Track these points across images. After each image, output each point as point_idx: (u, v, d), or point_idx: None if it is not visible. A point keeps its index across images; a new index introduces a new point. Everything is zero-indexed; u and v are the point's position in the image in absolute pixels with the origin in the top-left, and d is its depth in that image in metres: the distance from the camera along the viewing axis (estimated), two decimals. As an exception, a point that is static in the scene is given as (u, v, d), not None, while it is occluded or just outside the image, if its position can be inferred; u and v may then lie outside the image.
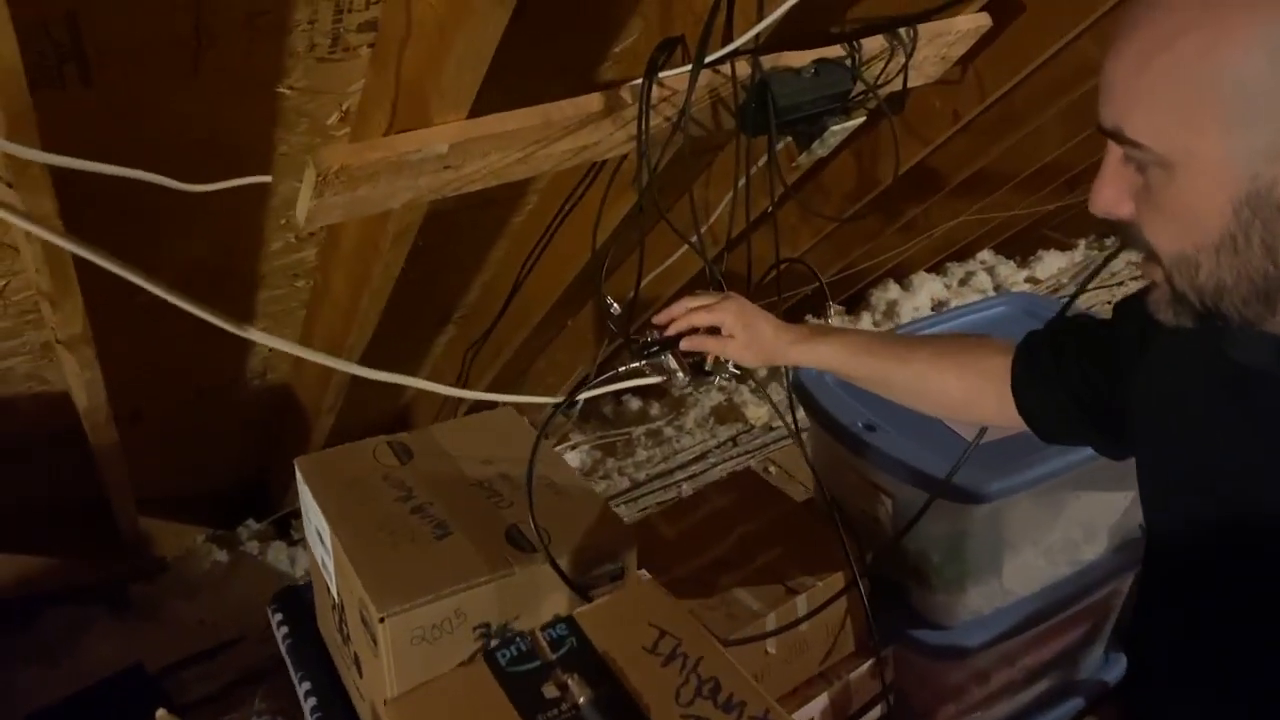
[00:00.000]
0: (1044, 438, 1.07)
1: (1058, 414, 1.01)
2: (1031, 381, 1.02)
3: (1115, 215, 0.70)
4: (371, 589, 1.02)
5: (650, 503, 2.80)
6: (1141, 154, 0.65)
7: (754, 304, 1.20)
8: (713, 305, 1.18)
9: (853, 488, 1.63)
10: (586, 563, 1.10)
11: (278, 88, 1.15)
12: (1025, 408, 1.04)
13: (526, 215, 1.87)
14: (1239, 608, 0.77)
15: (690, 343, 1.20)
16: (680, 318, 1.19)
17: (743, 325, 1.17)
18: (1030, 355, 1.04)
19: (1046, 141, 2.75)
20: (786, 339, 1.17)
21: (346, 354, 1.72)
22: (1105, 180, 0.69)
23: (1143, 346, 0.89)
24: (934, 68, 1.55)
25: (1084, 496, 1.61)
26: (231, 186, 1.08)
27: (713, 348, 1.19)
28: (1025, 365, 1.03)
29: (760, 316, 1.18)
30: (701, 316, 1.19)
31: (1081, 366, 0.96)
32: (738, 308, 1.18)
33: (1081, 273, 3.92)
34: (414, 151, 1.07)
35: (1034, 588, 1.63)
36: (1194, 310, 0.69)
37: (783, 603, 1.46)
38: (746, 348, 1.17)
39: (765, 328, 1.17)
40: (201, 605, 2.60)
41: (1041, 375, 1.01)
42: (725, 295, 1.20)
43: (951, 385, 1.09)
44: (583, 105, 1.17)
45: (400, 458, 1.24)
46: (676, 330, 1.20)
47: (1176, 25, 0.62)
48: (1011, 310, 1.89)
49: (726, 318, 1.17)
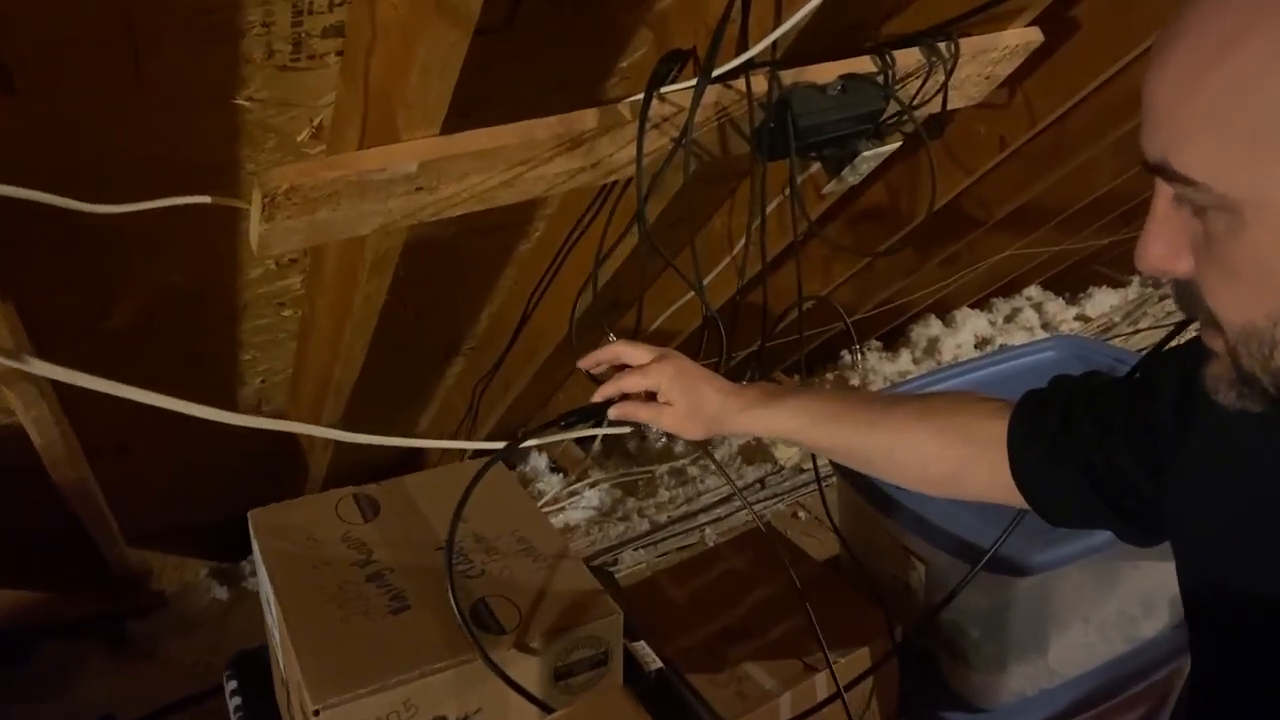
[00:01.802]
0: (1050, 520, 0.90)
1: (1068, 496, 0.83)
2: (1034, 454, 0.84)
3: (1171, 272, 0.55)
4: (309, 673, 0.88)
5: (671, 547, 2.66)
6: (1197, 194, 0.50)
7: (696, 363, 1.03)
8: (646, 366, 1.01)
9: (881, 550, 1.48)
10: (565, 645, 0.95)
11: (236, 99, 1.03)
12: (1026, 485, 0.85)
13: (534, 243, 1.75)
14: None
15: (620, 411, 1.03)
16: (609, 383, 1.03)
17: (681, 390, 0.99)
18: (1031, 421, 0.85)
19: (1100, 173, 2.58)
20: (735, 405, 0.98)
21: (334, 391, 1.60)
22: (1154, 230, 0.54)
23: (1184, 422, 0.72)
24: (977, 88, 1.40)
25: (1143, 567, 1.45)
26: (157, 208, 0.96)
27: (646, 417, 1.01)
28: (1026, 433, 0.85)
29: (703, 379, 1.00)
30: (633, 381, 1.01)
31: (1104, 448, 0.78)
32: (675, 369, 1.00)
33: (1135, 311, 3.72)
34: (378, 170, 0.94)
35: (1084, 668, 1.47)
36: (1265, 394, 0.54)
37: (800, 681, 1.32)
38: (687, 417, 0.99)
39: (709, 392, 0.99)
40: (198, 645, 2.49)
41: (1048, 448, 0.83)
42: (661, 354, 1.02)
43: (933, 455, 0.91)
44: (573, 122, 1.04)
45: (365, 513, 1.11)
46: (603, 396, 1.03)
47: (1235, 27, 0.47)
48: (1060, 355, 1.72)
49: (662, 381, 1.00)
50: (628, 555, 2.57)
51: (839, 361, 3.44)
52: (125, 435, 1.88)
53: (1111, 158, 2.52)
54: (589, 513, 2.84)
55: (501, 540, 1.06)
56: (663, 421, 1.01)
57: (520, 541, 1.06)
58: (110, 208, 0.91)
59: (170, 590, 2.68)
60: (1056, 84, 1.79)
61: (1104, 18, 1.64)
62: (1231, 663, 0.68)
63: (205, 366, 1.72)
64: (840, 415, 0.94)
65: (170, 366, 1.63)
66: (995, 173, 2.19)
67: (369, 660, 0.89)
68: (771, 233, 1.71)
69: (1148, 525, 0.79)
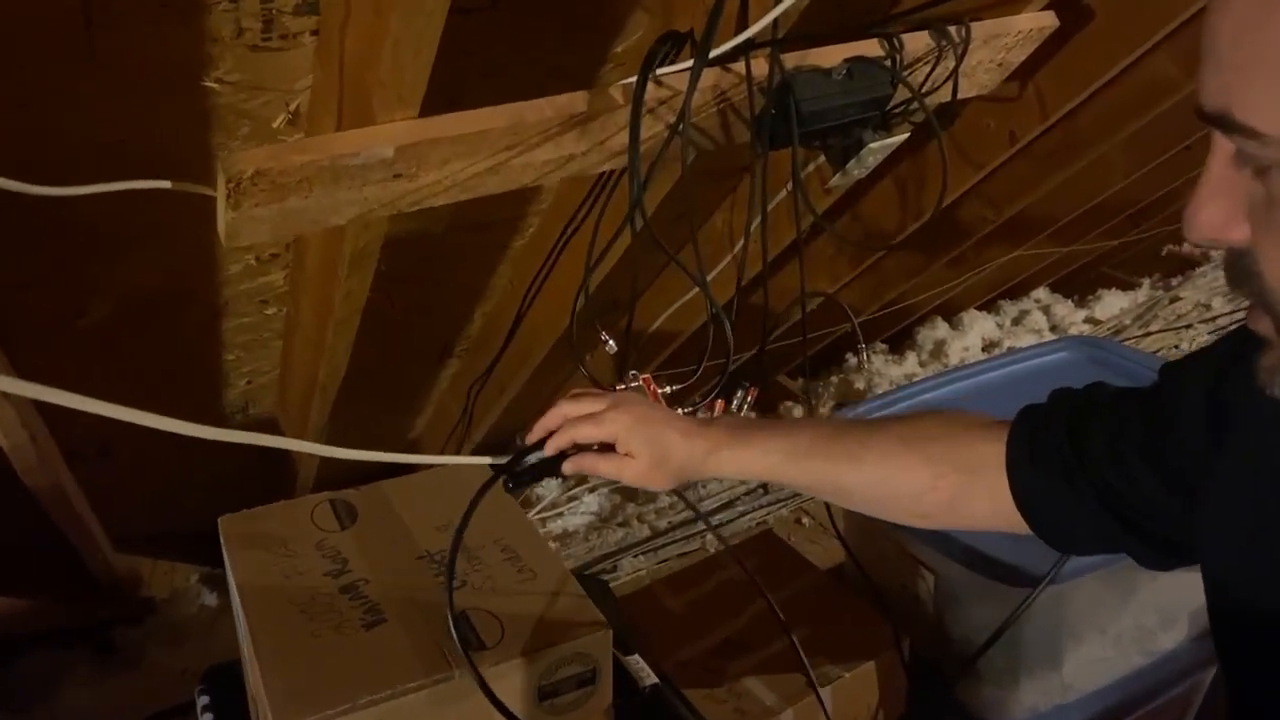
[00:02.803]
0: (1058, 547, 0.82)
1: (1079, 520, 0.75)
2: (1038, 476, 0.76)
3: (1223, 241, 0.47)
4: (274, 691, 0.82)
5: (671, 554, 2.59)
6: (1262, 149, 0.43)
7: (655, 406, 0.94)
8: (600, 414, 0.91)
9: (889, 559, 1.41)
10: (550, 663, 0.89)
11: (204, 81, 0.98)
12: (1031, 510, 0.78)
13: (528, 239, 1.69)
14: None
15: (575, 464, 0.93)
16: (558, 433, 0.92)
17: (643, 441, 0.89)
18: (1033, 441, 0.77)
19: (1111, 172, 2.52)
20: (702, 449, 0.89)
21: (319, 392, 1.54)
22: (1207, 192, 0.47)
23: (1216, 437, 0.65)
24: (989, 75, 1.34)
25: (1161, 578, 1.38)
26: (113, 191, 0.90)
27: (606, 471, 0.91)
28: (1028, 454, 0.77)
29: (663, 424, 0.90)
30: (587, 431, 0.91)
31: (1120, 467, 0.71)
32: (632, 418, 0.90)
33: (1146, 314, 3.65)
34: (351, 155, 0.88)
35: (1100, 683, 1.41)
36: None
37: (803, 697, 1.25)
38: (652, 469, 0.89)
39: (672, 438, 0.89)
40: (186, 653, 2.43)
41: (1054, 469, 0.75)
42: (615, 401, 0.92)
43: (925, 486, 0.82)
44: (562, 105, 0.98)
45: (342, 520, 1.05)
46: (556, 448, 0.92)
47: None
48: (1074, 356, 1.66)
49: (619, 431, 0.90)
50: (627, 562, 2.51)
51: (844, 364, 3.37)
52: (107, 438, 1.82)
53: (1123, 157, 2.46)
54: (588, 518, 2.78)
55: (485, 549, 1.01)
56: (625, 475, 0.91)
57: (505, 550, 1.00)
58: (60, 190, 0.85)
59: (160, 597, 2.63)
60: (1069, 75, 1.73)
61: (1120, 4, 1.58)
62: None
63: (188, 367, 1.67)
64: (816, 449, 0.86)
65: (151, 366, 1.58)
66: (1004, 170, 2.13)
67: (338, 678, 0.83)
68: (774, 230, 1.65)
69: (1171, 548, 0.72)
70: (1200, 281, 3.81)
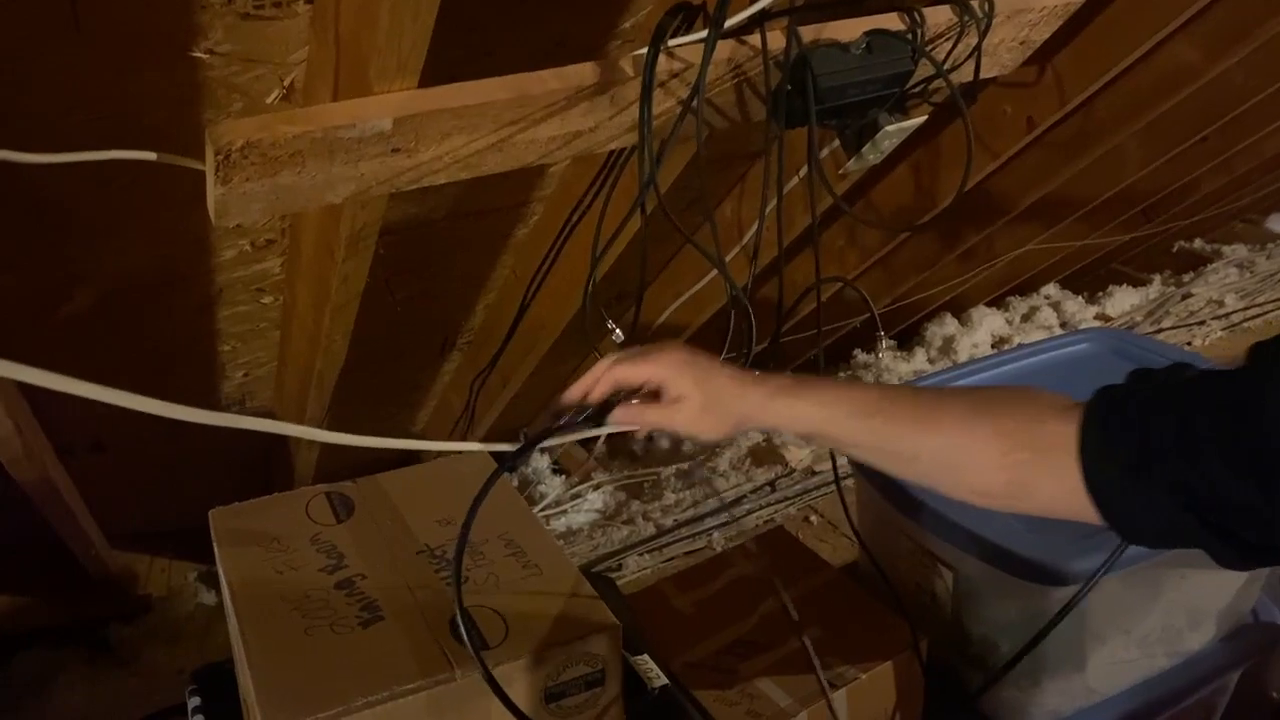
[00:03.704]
0: (1132, 540, 0.76)
1: (1153, 514, 0.69)
2: (1111, 464, 0.70)
3: None
4: (264, 692, 0.77)
5: (677, 552, 2.55)
6: None
7: (700, 351, 0.87)
8: (644, 355, 0.86)
9: (905, 556, 1.36)
10: (556, 663, 0.84)
11: (194, 51, 0.93)
12: (1103, 500, 0.72)
13: (532, 227, 1.64)
14: None
15: (623, 415, 0.87)
16: (600, 378, 0.87)
17: (693, 382, 0.83)
18: (1107, 425, 0.71)
19: (1126, 163, 2.47)
20: (758, 394, 0.83)
21: (316, 383, 1.50)
22: None
23: None
24: (1010, 54, 1.29)
25: (1189, 576, 1.33)
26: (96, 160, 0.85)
27: (655, 420, 0.85)
28: (1101, 440, 0.71)
29: (713, 368, 0.85)
30: (630, 371, 0.85)
31: (1196, 461, 0.65)
32: (680, 358, 0.85)
33: (1157, 310, 3.59)
34: (346, 126, 0.84)
35: (1124, 684, 1.36)
36: None
37: (818, 699, 1.20)
38: (705, 412, 0.83)
39: (725, 382, 0.84)
40: (181, 652, 2.39)
41: (1128, 458, 0.69)
42: (661, 345, 0.87)
43: (993, 462, 0.76)
44: (569, 77, 0.93)
45: (338, 514, 1.00)
46: (601, 395, 0.87)
47: None
48: (1096, 348, 1.60)
49: (666, 373, 0.84)
50: (632, 560, 2.46)
51: (851, 361, 3.33)
52: (98, 433, 1.78)
53: (1138, 148, 2.42)
54: (592, 516, 2.74)
55: (488, 544, 0.96)
56: (676, 421, 0.85)
57: (509, 545, 0.96)
58: (41, 157, 0.80)
59: (156, 594, 2.58)
60: (1089, 59, 1.69)
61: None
62: None
63: (181, 358, 1.62)
64: (881, 409, 0.80)
65: (141, 357, 1.53)
66: (1019, 161, 2.08)
67: (332, 678, 0.79)
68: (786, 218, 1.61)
69: (1256, 546, 0.66)
70: (1213, 278, 3.76)
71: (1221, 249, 4.02)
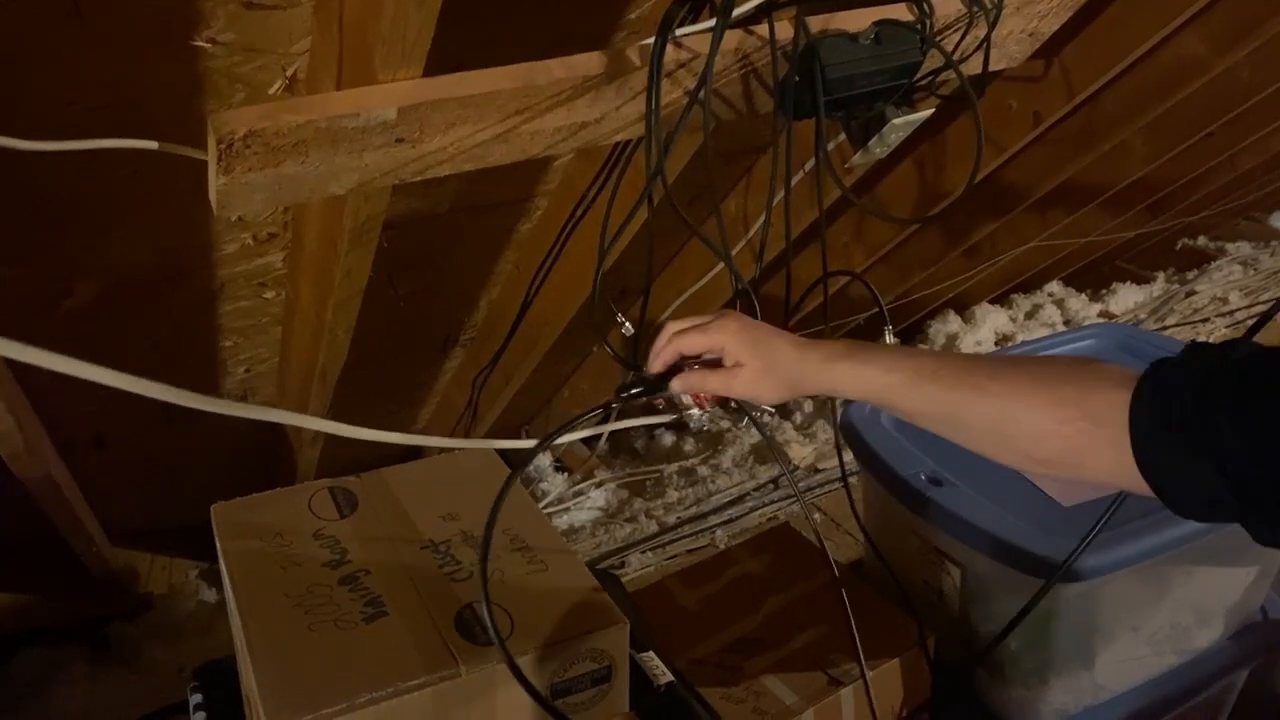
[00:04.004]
0: (1180, 513, 0.76)
1: (1200, 490, 0.69)
2: (1161, 439, 0.70)
3: None
4: (267, 688, 0.76)
5: (680, 549, 2.54)
6: None
7: (755, 320, 0.91)
8: (704, 325, 0.88)
9: (912, 552, 1.35)
10: (563, 659, 0.83)
11: (195, 40, 0.92)
12: (1153, 474, 0.72)
13: (535, 222, 1.63)
14: None
15: (684, 383, 0.90)
16: (664, 349, 0.90)
17: (751, 346, 0.86)
18: (1160, 399, 0.71)
19: (1131, 159, 2.46)
20: (816, 357, 0.85)
21: (319, 378, 1.48)
22: None
23: None
24: (1019, 46, 1.28)
25: (1197, 573, 1.32)
26: (94, 148, 0.84)
27: (715, 385, 0.88)
28: (1153, 414, 0.71)
29: (772, 333, 0.88)
30: (692, 340, 0.89)
31: (1245, 440, 0.64)
32: (739, 325, 0.88)
33: (1161, 308, 3.58)
34: (350, 115, 0.82)
35: (1132, 682, 1.35)
36: None
37: (824, 696, 1.20)
38: (763, 375, 0.86)
39: (783, 346, 0.86)
40: (183, 650, 2.38)
41: (1178, 434, 0.69)
42: (719, 313, 0.90)
43: (1049, 430, 0.76)
44: (576, 66, 0.92)
45: (341, 509, 0.99)
46: (663, 364, 0.90)
47: None
48: (1103, 344, 1.59)
49: (727, 339, 0.87)
50: (635, 558, 2.45)
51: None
52: (99, 429, 1.77)
53: (1143, 143, 2.41)
54: (595, 513, 2.73)
55: (494, 539, 0.94)
56: (735, 386, 0.88)
57: (515, 540, 0.95)
58: (41, 144, 0.79)
59: (157, 592, 2.57)
60: (1096, 53, 1.67)
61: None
62: None
63: (183, 353, 1.61)
64: (940, 375, 0.80)
65: (143, 352, 1.52)
66: (1024, 156, 2.07)
67: (336, 674, 0.77)
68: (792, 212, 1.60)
69: None
70: (1216, 276, 3.75)
71: (1225, 246, 4.01)
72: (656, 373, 0.90)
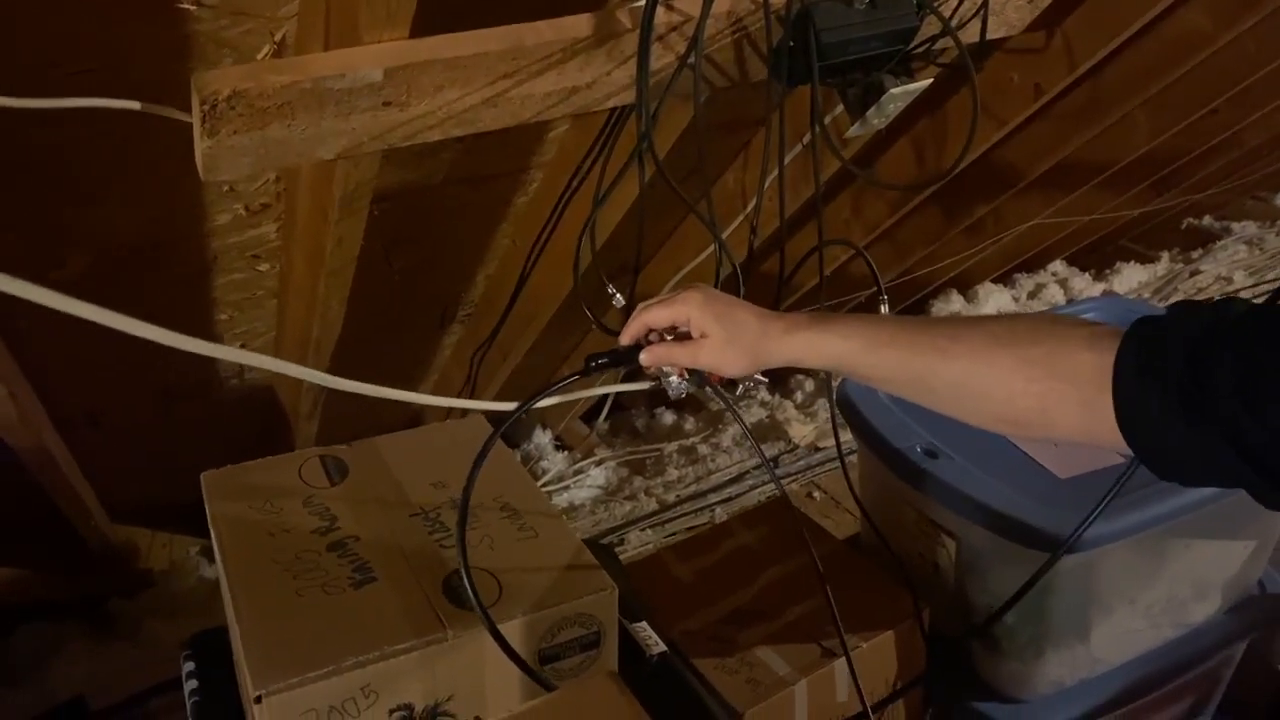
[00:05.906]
0: (1164, 476, 0.75)
1: (1195, 454, 0.67)
2: (1150, 402, 0.68)
3: None
4: (253, 653, 0.76)
5: (680, 528, 2.54)
6: None
7: (720, 292, 0.92)
8: (671, 299, 0.90)
9: (907, 526, 1.35)
10: (551, 625, 0.83)
11: (181, 2, 0.91)
12: (1139, 438, 0.70)
13: (531, 195, 1.62)
14: None
15: (651, 355, 0.91)
16: (632, 322, 0.92)
17: (715, 318, 0.88)
18: (1147, 358, 0.68)
19: (1135, 134, 2.44)
20: (778, 327, 0.86)
21: (313, 351, 1.48)
22: None
23: None
24: (1018, 14, 1.27)
25: (1195, 546, 1.32)
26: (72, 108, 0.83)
27: (681, 358, 0.91)
28: (1139, 376, 0.68)
29: (737, 305, 0.89)
30: (659, 314, 0.90)
31: (1253, 399, 0.61)
32: (703, 297, 0.89)
33: (1165, 287, 3.56)
34: (335, 76, 0.82)
35: (1129, 655, 1.35)
36: None
37: (818, 668, 1.19)
38: (727, 345, 0.88)
39: (746, 317, 0.88)
40: (183, 626, 2.38)
41: (1171, 396, 0.66)
42: (683, 287, 0.92)
43: (1016, 390, 0.75)
44: (565, 28, 0.91)
45: (331, 476, 0.99)
46: (631, 337, 0.93)
47: None
48: (1104, 317, 1.58)
49: (691, 311, 0.88)
50: (634, 536, 2.45)
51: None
52: (94, 405, 1.76)
53: (1148, 119, 2.38)
54: (595, 492, 2.73)
55: (484, 507, 0.94)
56: (700, 357, 0.89)
57: (504, 508, 0.94)
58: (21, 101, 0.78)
59: (158, 569, 2.58)
60: (1098, 24, 1.65)
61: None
62: None
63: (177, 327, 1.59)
64: (900, 339, 0.81)
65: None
66: (1026, 131, 2.05)
67: (323, 639, 0.77)
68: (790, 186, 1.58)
69: None
70: (1221, 255, 3.72)
71: (1230, 226, 3.98)
72: (625, 345, 0.93)
